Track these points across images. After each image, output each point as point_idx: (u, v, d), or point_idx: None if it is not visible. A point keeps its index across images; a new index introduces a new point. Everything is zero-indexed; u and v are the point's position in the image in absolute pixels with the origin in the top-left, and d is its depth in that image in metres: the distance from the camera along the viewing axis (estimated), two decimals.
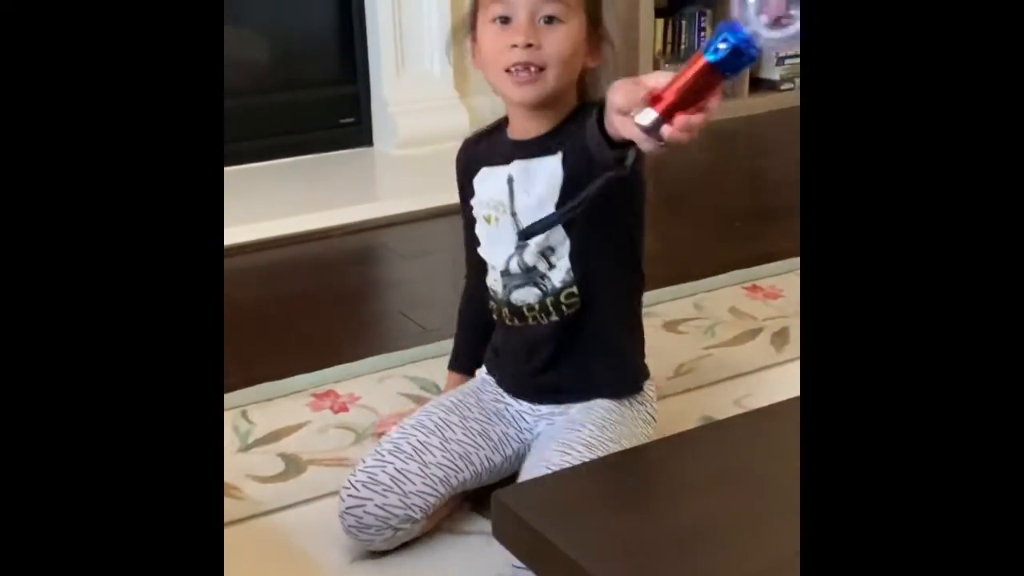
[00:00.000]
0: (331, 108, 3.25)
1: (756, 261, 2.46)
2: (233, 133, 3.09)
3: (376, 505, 1.33)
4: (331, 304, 2.35)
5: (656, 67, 3.59)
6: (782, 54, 3.78)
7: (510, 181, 1.36)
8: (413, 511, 1.33)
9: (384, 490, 1.33)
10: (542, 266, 1.37)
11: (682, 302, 2.28)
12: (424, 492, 1.34)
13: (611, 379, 1.44)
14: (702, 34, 3.73)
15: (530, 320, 1.42)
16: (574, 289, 1.38)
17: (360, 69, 3.24)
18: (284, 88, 3.19)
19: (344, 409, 1.87)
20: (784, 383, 1.96)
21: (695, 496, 0.90)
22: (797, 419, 0.93)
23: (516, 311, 1.42)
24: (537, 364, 1.44)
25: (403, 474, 1.35)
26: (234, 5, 3.02)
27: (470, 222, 1.47)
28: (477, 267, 1.49)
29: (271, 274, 2.54)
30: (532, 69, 1.27)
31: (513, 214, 1.37)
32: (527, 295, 1.40)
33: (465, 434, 1.43)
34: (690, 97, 0.98)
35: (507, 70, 1.28)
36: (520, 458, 1.45)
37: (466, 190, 1.46)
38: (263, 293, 2.40)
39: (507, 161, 1.36)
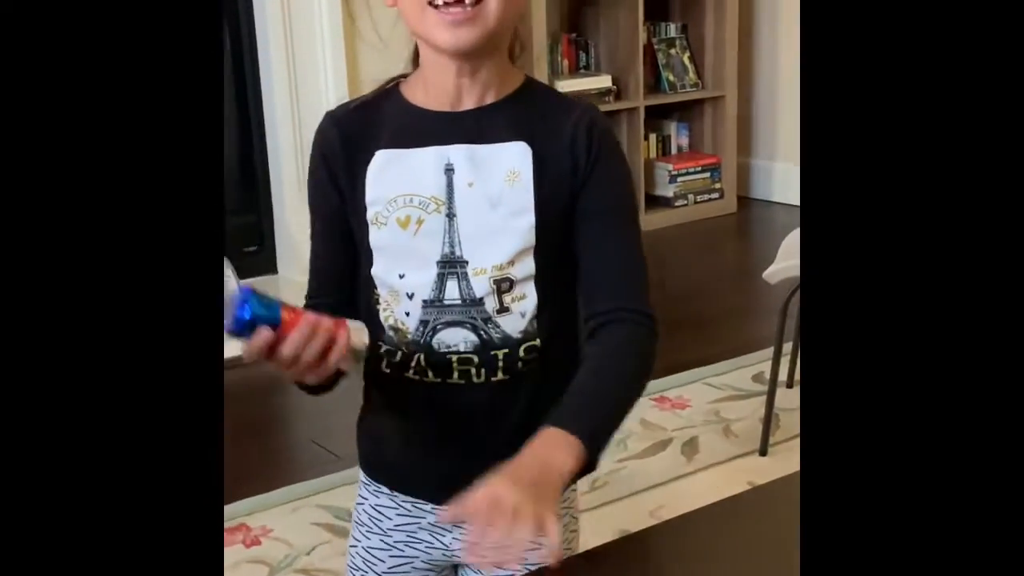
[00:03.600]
0: (234, 237, 3.25)
1: (662, 373, 2.52)
2: None
3: None
4: (241, 434, 2.31)
5: None
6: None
7: (449, 169, 0.97)
8: None
9: None
10: (491, 303, 0.98)
11: None
12: None
13: None
14: None
15: (456, 376, 1.00)
16: (536, 343, 1.00)
17: (262, 197, 3.27)
18: None
19: (256, 542, 1.84)
20: (695, 492, 1.99)
21: None
22: (712, 528, 0.96)
23: (438, 361, 0.99)
24: (474, 441, 1.02)
25: None
26: None
27: (341, 231, 1.03)
28: (345, 299, 1.04)
29: None
30: (467, 2, 0.92)
31: (450, 215, 0.97)
32: (458, 338, 0.99)
33: None
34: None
35: (433, 4, 0.92)
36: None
37: (352, 180, 1.00)
38: None
39: (437, 141, 0.98)
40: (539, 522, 0.80)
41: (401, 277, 0.99)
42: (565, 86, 3.69)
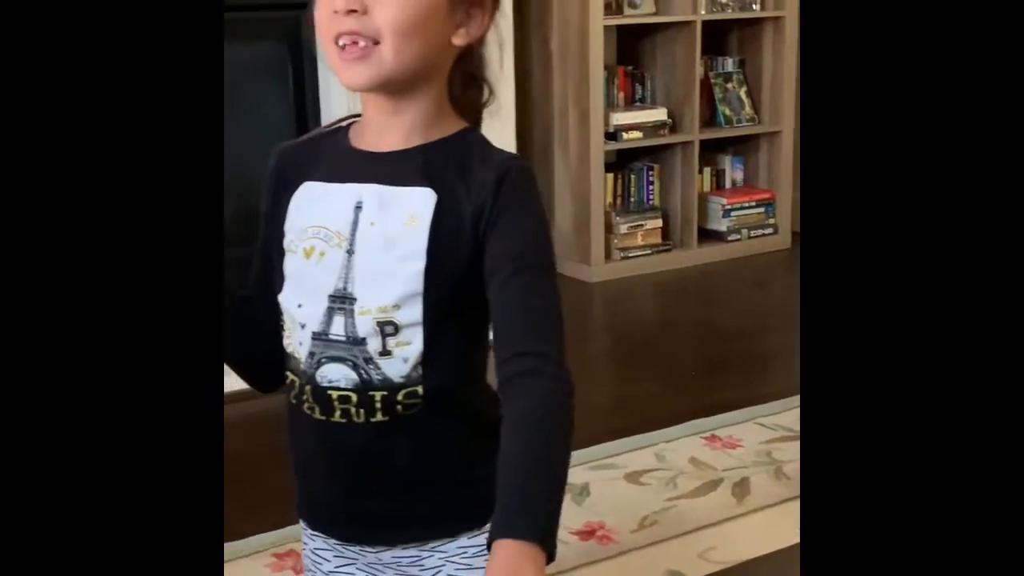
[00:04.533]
0: None
1: (714, 411, 2.50)
2: None
3: None
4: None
5: (608, 220, 3.70)
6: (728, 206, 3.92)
7: (358, 207, 0.98)
8: None
9: None
10: (374, 345, 0.96)
11: (642, 453, 2.29)
12: None
13: (470, 505, 0.99)
14: (651, 187, 3.86)
15: (338, 415, 0.98)
16: (418, 390, 0.97)
17: None
18: (242, 244, 3.23)
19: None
20: (746, 535, 1.96)
21: None
22: None
23: (321, 396, 0.98)
24: (366, 483, 1.01)
25: None
26: None
27: (268, 254, 1.04)
28: (271, 321, 1.03)
29: (230, 428, 2.52)
30: (361, 43, 0.93)
31: (350, 251, 0.97)
32: (339, 374, 0.98)
33: None
34: None
35: (336, 43, 0.94)
36: None
37: (278, 208, 1.02)
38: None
39: (355, 178, 0.99)
40: None
41: (299, 307, 0.98)
42: (620, 118, 3.70)
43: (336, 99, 3.15)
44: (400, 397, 0.97)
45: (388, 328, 0.96)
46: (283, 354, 1.01)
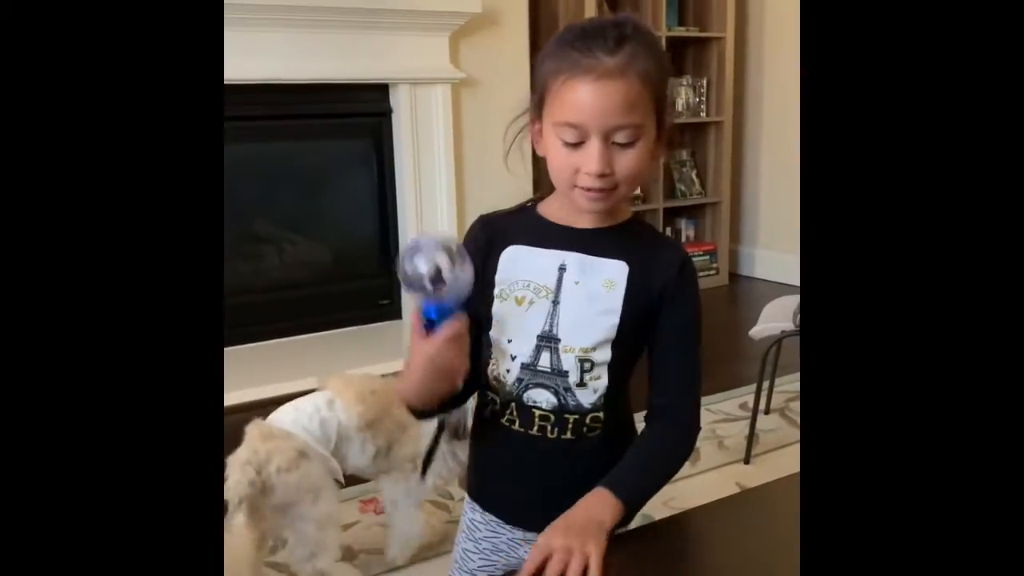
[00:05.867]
0: (372, 293, 3.32)
1: None
2: (303, 312, 3.23)
3: None
4: None
5: None
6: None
7: (562, 268, 0.96)
8: None
9: None
10: (574, 377, 0.95)
11: None
12: None
13: None
14: None
15: (536, 429, 0.97)
16: (600, 415, 0.97)
17: (393, 265, 3.39)
18: (340, 280, 3.29)
19: (383, 512, 1.86)
20: (698, 488, 2.04)
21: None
22: (715, 517, 0.94)
23: (525, 413, 0.97)
24: (542, 483, 0.99)
25: None
26: (304, 222, 3.24)
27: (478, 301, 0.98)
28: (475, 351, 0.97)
29: None
30: (607, 188, 0.90)
31: (555, 302, 0.95)
32: (542, 398, 0.97)
33: None
34: None
35: (580, 187, 0.91)
36: None
37: (486, 265, 0.98)
38: None
39: (558, 246, 0.96)
40: (585, 558, 0.82)
41: (509, 342, 0.98)
42: None
43: (407, 184, 3.25)
44: (587, 421, 0.97)
45: (586, 364, 0.95)
46: (475, 379, 0.97)
